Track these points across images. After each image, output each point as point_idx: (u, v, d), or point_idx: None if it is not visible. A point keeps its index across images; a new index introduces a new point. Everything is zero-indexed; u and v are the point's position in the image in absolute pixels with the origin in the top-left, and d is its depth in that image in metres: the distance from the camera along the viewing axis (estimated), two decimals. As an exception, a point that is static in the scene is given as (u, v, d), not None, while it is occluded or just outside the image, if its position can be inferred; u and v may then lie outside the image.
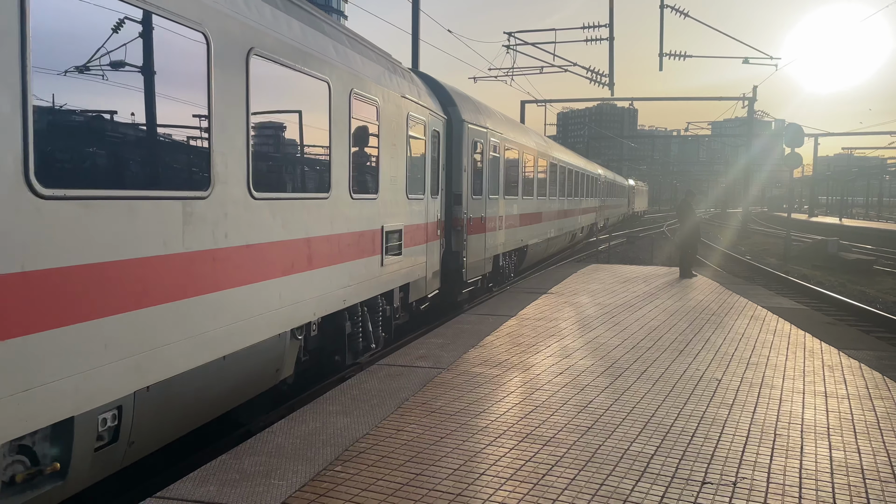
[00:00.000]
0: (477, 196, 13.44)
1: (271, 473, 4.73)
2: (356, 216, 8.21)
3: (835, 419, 6.06)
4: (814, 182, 71.55)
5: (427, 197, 11.07)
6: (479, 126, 13.61)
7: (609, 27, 23.35)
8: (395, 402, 6.33)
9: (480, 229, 13.63)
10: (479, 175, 13.65)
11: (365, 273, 8.52)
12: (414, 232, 10.36)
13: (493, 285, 15.90)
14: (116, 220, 4.42)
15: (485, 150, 13.92)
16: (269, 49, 6.19)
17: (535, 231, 19.75)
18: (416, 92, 10.60)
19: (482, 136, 13.78)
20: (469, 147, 12.88)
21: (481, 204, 13.81)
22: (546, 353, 8.38)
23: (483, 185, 13.87)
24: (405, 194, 9.92)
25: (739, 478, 4.74)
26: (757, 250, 32.51)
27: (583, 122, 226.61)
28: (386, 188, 9.14)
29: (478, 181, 13.57)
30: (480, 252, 13.75)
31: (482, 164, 13.81)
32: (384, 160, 9.08)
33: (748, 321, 10.83)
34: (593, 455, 5.10)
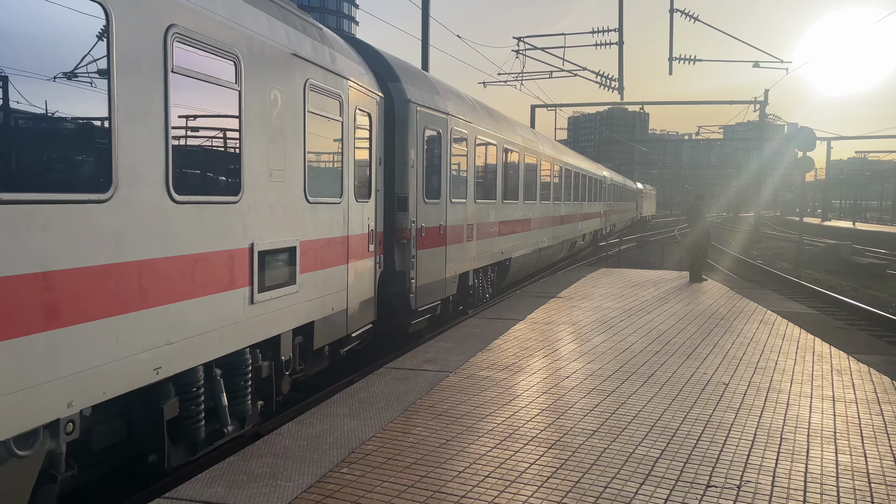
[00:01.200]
0: (432, 200, 10.55)
1: (278, 475, 4.78)
2: (184, 231, 5.27)
3: (842, 423, 6.04)
4: (827, 186, 71.13)
5: (347, 201, 8.17)
6: (436, 111, 10.64)
7: (618, 32, 23.35)
8: (403, 405, 6.37)
9: (438, 241, 10.74)
10: (436, 173, 10.77)
11: (209, 318, 5.58)
12: (322, 250, 7.50)
13: (464, 308, 12.98)
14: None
15: (444, 141, 10.98)
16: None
17: (522, 241, 16.75)
18: (325, 55, 7.60)
19: (440, 124, 10.82)
20: (419, 136, 9.98)
21: (439, 210, 10.82)
22: (553, 356, 8.40)
23: (442, 186, 10.96)
24: (303, 197, 7.02)
25: (744, 481, 4.74)
26: (769, 254, 32.33)
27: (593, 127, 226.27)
28: (258, 187, 6.17)
29: (434, 181, 10.69)
30: (438, 270, 10.86)
31: (441, 160, 10.89)
32: (252, 145, 6.11)
33: (758, 325, 10.80)
34: (598, 458, 5.12)
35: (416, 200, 9.97)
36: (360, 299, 8.67)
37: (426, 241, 10.31)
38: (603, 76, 26.55)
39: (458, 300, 12.46)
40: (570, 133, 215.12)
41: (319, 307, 7.54)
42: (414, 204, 9.87)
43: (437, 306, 10.97)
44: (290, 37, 6.92)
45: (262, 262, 6.27)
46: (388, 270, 9.59)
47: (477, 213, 12.89)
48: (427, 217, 10.33)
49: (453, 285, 11.68)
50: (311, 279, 7.30)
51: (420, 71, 11.45)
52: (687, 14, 24.83)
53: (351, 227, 8.31)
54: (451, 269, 11.43)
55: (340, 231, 8.01)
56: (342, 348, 8.50)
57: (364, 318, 8.89)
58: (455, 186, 11.64)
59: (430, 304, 10.66)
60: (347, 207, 8.20)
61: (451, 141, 11.31)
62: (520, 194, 16.42)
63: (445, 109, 11.15)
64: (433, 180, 10.71)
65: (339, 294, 8.05)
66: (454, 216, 11.54)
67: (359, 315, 8.70)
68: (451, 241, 11.39)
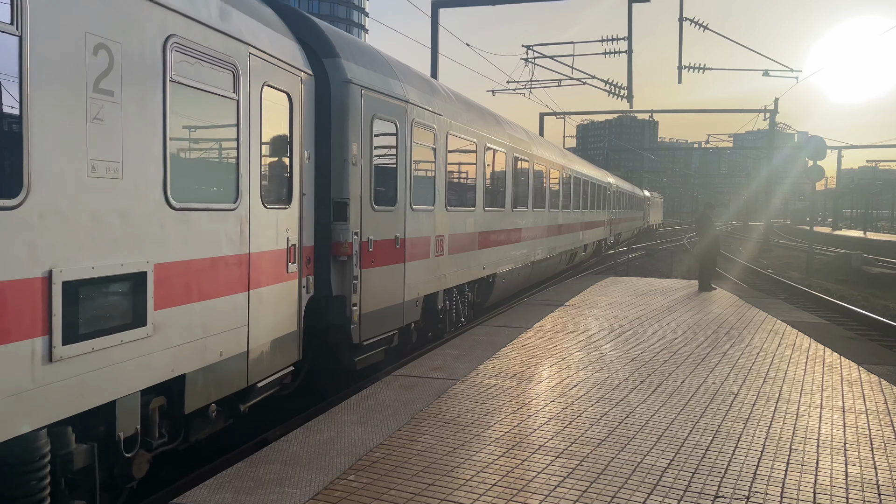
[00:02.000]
0: (384, 207, 8.61)
1: (285, 481, 4.79)
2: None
3: (852, 434, 6.00)
4: (837, 195, 70.74)
5: (248, 207, 6.09)
6: (391, 97, 8.71)
7: (628, 40, 23.36)
8: (410, 413, 6.37)
9: (393, 257, 8.84)
10: (390, 174, 8.85)
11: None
12: (200, 274, 5.52)
13: (433, 335, 11.12)
14: None
15: (403, 135, 9.06)
16: None
17: (509, 254, 14.68)
18: (207, 7, 5.56)
19: (397, 114, 8.88)
20: (365, 128, 8.03)
21: (394, 218, 8.87)
22: (561, 365, 8.38)
23: (400, 191, 9.02)
24: (161, 200, 5.09)
25: (753, 492, 4.72)
26: (779, 264, 32.18)
27: (602, 135, 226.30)
28: (63, 185, 4.25)
29: (387, 183, 8.76)
30: (393, 292, 8.91)
31: (398, 158, 8.98)
32: (50, 121, 4.14)
33: (767, 335, 10.74)
34: (606, 468, 5.11)
35: (361, 207, 7.96)
36: (271, 336, 6.53)
37: (376, 258, 8.32)
38: (612, 84, 26.56)
39: (424, 326, 10.52)
40: (579, 141, 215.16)
41: (195, 354, 5.45)
42: (357, 212, 7.87)
43: (392, 336, 9.03)
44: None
45: (72, 297, 4.25)
46: (322, 296, 7.63)
47: (450, 222, 10.93)
48: (377, 228, 8.36)
49: (416, 310, 9.65)
50: (178, 317, 5.24)
51: (373, 49, 9.20)
52: (696, 23, 24.83)
53: (255, 241, 6.23)
54: (412, 290, 9.43)
55: (235, 247, 5.88)
56: (244, 403, 6.30)
57: (280, 359, 6.78)
58: (419, 191, 9.64)
59: (383, 334, 8.64)
60: (248, 215, 6.07)
61: (412, 135, 9.30)
62: (507, 201, 14.39)
63: (404, 96, 9.09)
64: (386, 183, 8.73)
65: (232, 333, 5.88)
66: (416, 226, 9.54)
67: (269, 357, 6.54)
68: (412, 257, 9.39)
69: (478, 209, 12.44)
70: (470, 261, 12.04)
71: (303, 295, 7.21)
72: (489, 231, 13.14)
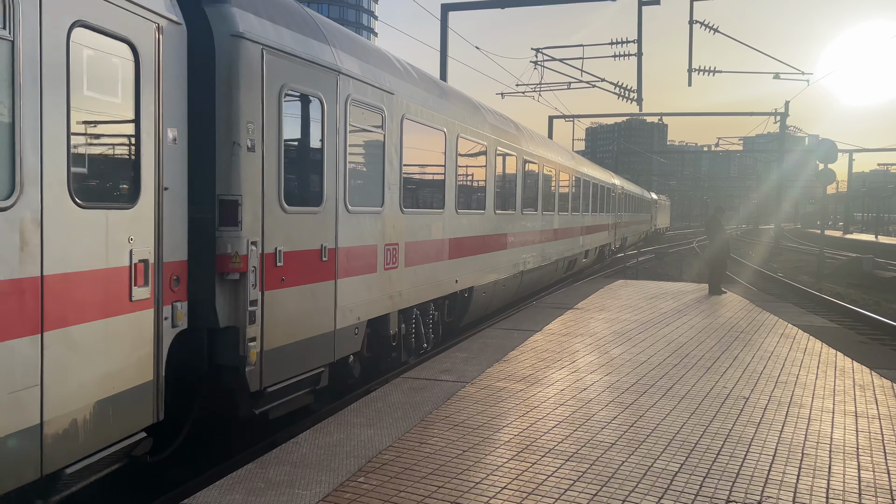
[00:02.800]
0: (301, 207, 6.66)
1: (295, 483, 4.80)
2: None
3: (864, 439, 5.95)
4: (848, 198, 70.31)
5: (39, 204, 4.25)
6: (312, 63, 6.74)
7: (637, 43, 23.31)
8: (419, 415, 6.37)
9: (316, 274, 6.89)
10: (313, 164, 6.93)
11: None
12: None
13: (388, 365, 9.31)
14: None
15: (331, 114, 7.08)
16: None
17: (491, 263, 12.65)
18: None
19: (322, 86, 6.92)
20: (269, 101, 6.14)
21: (319, 223, 6.94)
22: (571, 368, 8.36)
23: (328, 187, 7.04)
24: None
25: (765, 497, 4.69)
26: (789, 267, 32.00)
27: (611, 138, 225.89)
28: None
29: (308, 177, 6.93)
30: (318, 319, 6.97)
31: (325, 145, 7.00)
32: None
33: (778, 339, 10.68)
34: (616, 471, 5.09)
35: (263, 207, 6.07)
36: (94, 396, 4.65)
37: (288, 275, 6.42)
38: (621, 87, 26.51)
39: (370, 357, 8.64)
40: (588, 144, 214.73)
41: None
42: (255, 213, 5.97)
43: (318, 375, 7.08)
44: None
45: None
46: (203, 329, 5.77)
47: (408, 228, 9.03)
48: (290, 235, 6.43)
49: (354, 338, 7.70)
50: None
51: (292, 2, 7.13)
52: (707, 25, 24.76)
53: (56, 257, 4.32)
54: (348, 313, 7.49)
55: (8, 268, 4.00)
56: (45, 499, 4.47)
57: (116, 427, 4.86)
58: (359, 189, 7.74)
59: (300, 375, 6.73)
60: (39, 218, 4.20)
61: (348, 117, 7.32)
62: (488, 203, 12.40)
63: (335, 65, 7.14)
64: (305, 176, 6.86)
65: (5, 404, 3.99)
66: (355, 233, 7.60)
67: (93, 427, 4.63)
68: (348, 272, 7.47)
69: (448, 212, 10.49)
70: (437, 273, 10.10)
71: (164, 330, 5.23)
72: (463, 237, 11.18)
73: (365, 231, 7.90)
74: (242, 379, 5.93)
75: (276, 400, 6.50)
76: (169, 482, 6.05)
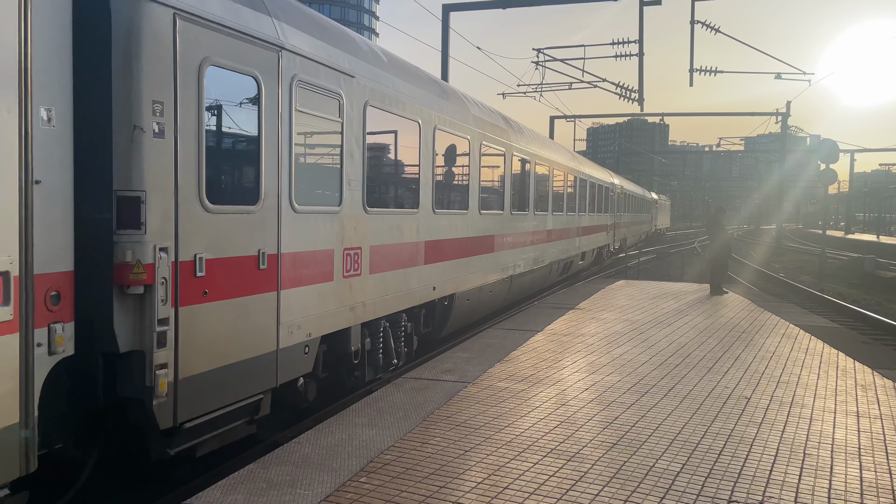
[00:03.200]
0: (230, 206, 5.66)
1: (297, 483, 4.80)
2: None
3: (866, 439, 5.95)
4: (850, 198, 70.24)
5: None
6: (243, 35, 5.73)
7: (639, 43, 23.30)
8: (421, 415, 6.37)
9: (251, 284, 5.85)
10: (247, 157, 5.93)
11: None
12: None
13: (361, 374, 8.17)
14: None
15: (272, 97, 6.06)
16: None
17: (477, 267, 11.76)
18: None
19: (258, 64, 5.89)
20: (184, 77, 5.15)
21: (256, 224, 5.91)
22: (572, 368, 8.36)
23: (268, 182, 6.03)
24: None
25: (766, 497, 4.69)
26: (791, 268, 31.98)
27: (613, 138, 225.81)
28: None
29: (239, 169, 5.97)
30: (255, 338, 5.92)
31: (262, 132, 5.97)
32: None
33: (780, 339, 10.67)
34: (618, 471, 5.09)
35: (177, 205, 5.08)
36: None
37: (213, 286, 5.35)
38: (623, 87, 26.51)
39: (328, 377, 7.63)
40: (590, 144, 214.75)
41: None
42: (166, 212, 5.00)
43: (256, 404, 6.01)
44: None
45: None
46: (97, 354, 4.83)
47: (373, 229, 8.01)
48: (215, 239, 5.38)
49: (304, 358, 6.64)
50: None
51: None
52: (708, 25, 24.75)
53: None
54: (295, 329, 6.44)
55: None
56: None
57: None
58: (309, 184, 6.69)
59: (230, 405, 5.64)
60: None
61: (294, 100, 6.29)
62: (472, 202, 11.39)
63: (277, 39, 6.13)
64: (237, 168, 5.89)
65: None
66: (306, 236, 6.59)
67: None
68: (295, 281, 6.43)
69: (423, 212, 9.43)
70: (410, 280, 9.05)
71: (35, 359, 4.20)
72: (443, 240, 10.17)
73: (318, 233, 6.84)
74: (149, 414, 4.88)
75: (198, 437, 5.40)
76: (170, 482, 6.06)
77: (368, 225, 7.92)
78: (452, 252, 10.56)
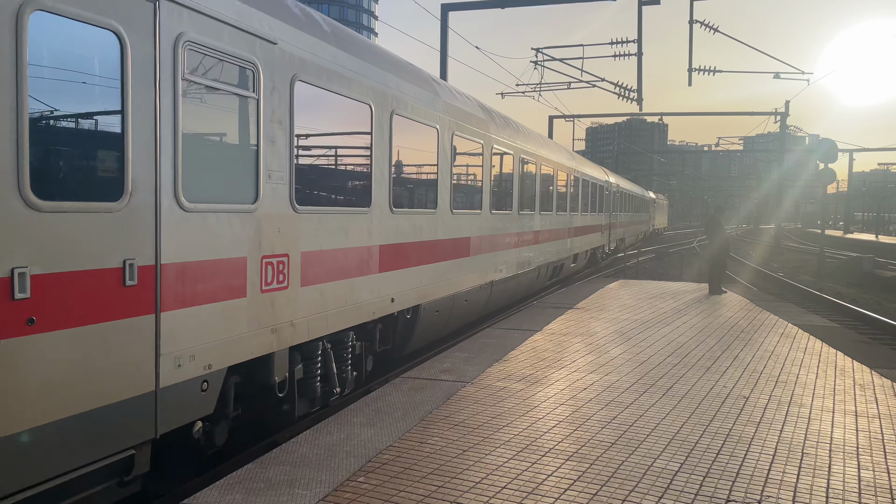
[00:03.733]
0: (75, 202, 4.22)
1: (295, 483, 4.80)
2: None
3: (864, 439, 5.95)
4: (849, 198, 70.29)
5: None
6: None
7: (637, 42, 23.30)
8: (419, 415, 6.37)
9: (120, 307, 4.52)
10: (107, 136, 4.52)
11: None
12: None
13: (290, 408, 6.75)
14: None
15: (141, 58, 4.65)
16: None
17: (448, 274, 10.41)
18: None
19: (113, 11, 4.41)
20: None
21: (118, 226, 4.50)
22: (570, 368, 8.36)
23: (137, 169, 4.64)
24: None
25: (764, 496, 4.69)
26: (790, 267, 31.99)
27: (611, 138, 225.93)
28: None
29: (99, 153, 4.50)
30: (120, 378, 4.51)
31: (127, 102, 4.55)
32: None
33: (778, 339, 10.68)
34: (616, 471, 5.09)
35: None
36: None
37: (49, 311, 4.06)
38: (621, 87, 26.51)
39: (240, 416, 6.26)
40: (588, 144, 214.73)
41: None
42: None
43: (129, 460, 4.75)
44: None
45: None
46: None
47: (308, 232, 6.64)
48: (50, 246, 4.09)
49: (202, 397, 5.29)
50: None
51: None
52: (707, 25, 24.74)
53: None
54: (187, 361, 5.09)
55: None
56: None
57: None
58: (209, 175, 5.34)
59: (83, 468, 4.36)
60: None
61: (178, 65, 4.97)
62: (442, 200, 10.04)
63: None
64: (87, 151, 4.48)
65: None
66: (202, 241, 5.23)
67: None
68: (185, 300, 5.07)
69: (377, 211, 8.06)
70: (359, 292, 7.63)
71: None
72: (403, 244, 8.75)
73: (221, 238, 5.43)
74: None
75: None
76: (169, 482, 6.05)
77: (299, 227, 6.50)
78: (417, 257, 9.21)
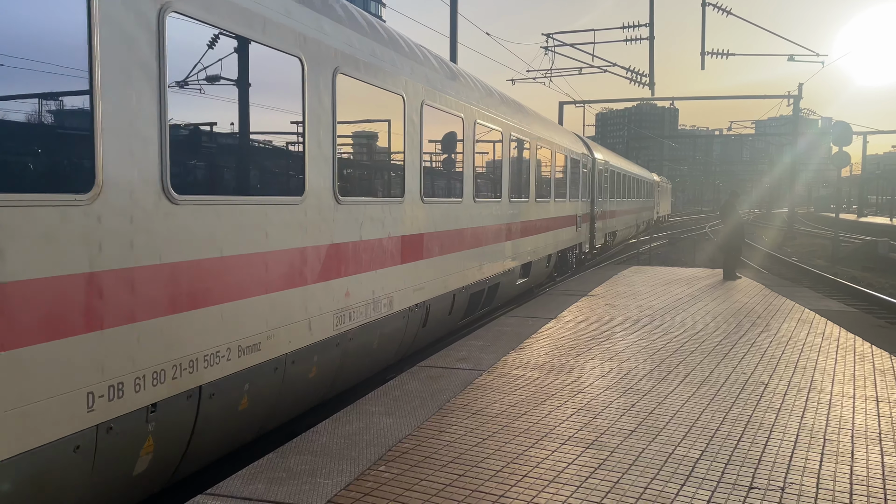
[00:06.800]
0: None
1: (317, 472, 4.81)
2: None
3: (886, 424, 5.90)
4: (863, 181, 69.52)
5: None
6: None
7: (649, 26, 23.09)
8: (437, 404, 6.37)
9: None
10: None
11: None
12: None
13: None
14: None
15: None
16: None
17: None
18: None
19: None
20: None
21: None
22: (587, 355, 8.34)
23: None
24: None
25: (788, 483, 4.66)
26: (803, 251, 31.75)
27: (622, 123, 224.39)
28: None
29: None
30: None
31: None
32: None
33: (795, 324, 10.60)
34: (637, 458, 5.07)
35: None
36: None
37: None
38: (633, 72, 26.29)
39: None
40: (599, 129, 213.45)
41: None
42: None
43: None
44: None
45: None
46: None
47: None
48: None
49: None
50: None
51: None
52: (719, 7, 24.45)
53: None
54: None
55: None
56: None
57: None
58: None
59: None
60: None
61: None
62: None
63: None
64: None
65: None
66: None
67: None
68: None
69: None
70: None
71: None
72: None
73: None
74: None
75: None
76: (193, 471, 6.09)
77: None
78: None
